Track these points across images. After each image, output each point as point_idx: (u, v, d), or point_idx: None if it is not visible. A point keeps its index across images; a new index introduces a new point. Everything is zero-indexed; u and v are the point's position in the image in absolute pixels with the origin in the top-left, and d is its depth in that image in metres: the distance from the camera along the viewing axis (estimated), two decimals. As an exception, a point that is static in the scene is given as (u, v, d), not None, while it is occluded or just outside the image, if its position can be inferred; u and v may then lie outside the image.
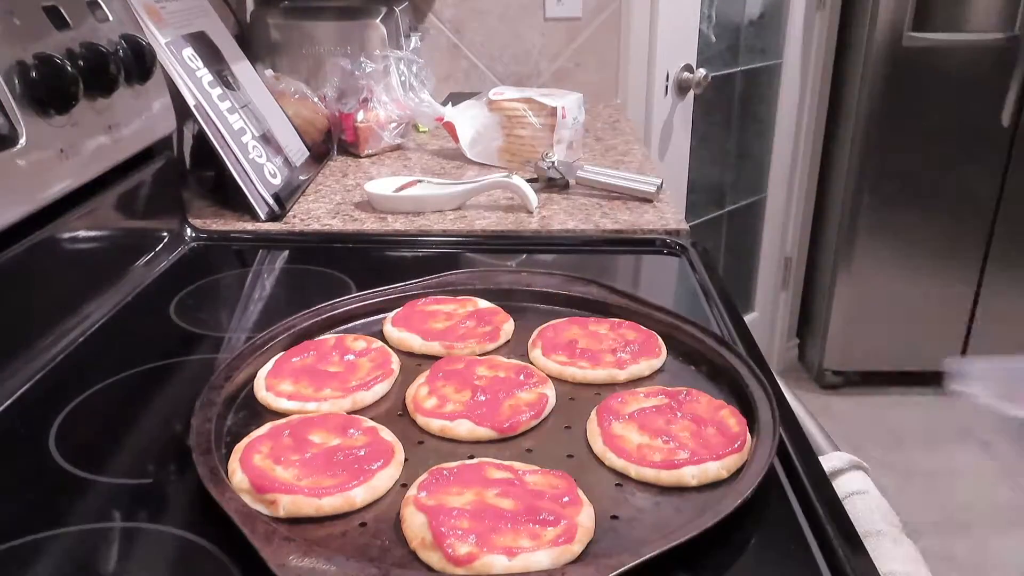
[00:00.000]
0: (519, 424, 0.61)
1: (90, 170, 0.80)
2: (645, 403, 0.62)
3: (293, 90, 1.33)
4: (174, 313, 0.83)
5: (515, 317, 0.77)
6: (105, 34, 0.84)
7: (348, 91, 1.38)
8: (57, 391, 0.68)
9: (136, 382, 0.70)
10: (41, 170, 0.72)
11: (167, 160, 0.99)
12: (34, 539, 0.51)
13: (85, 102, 0.77)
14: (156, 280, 0.91)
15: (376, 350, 0.71)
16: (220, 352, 0.77)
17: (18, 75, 0.70)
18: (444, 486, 0.53)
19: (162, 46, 1.01)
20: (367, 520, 0.52)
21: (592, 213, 1.11)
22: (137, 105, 0.90)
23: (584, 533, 0.49)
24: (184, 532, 0.52)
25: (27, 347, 0.72)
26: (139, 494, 0.56)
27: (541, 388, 0.65)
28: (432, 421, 0.61)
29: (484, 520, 0.49)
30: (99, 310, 0.81)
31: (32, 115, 0.71)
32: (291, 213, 1.11)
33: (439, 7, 1.87)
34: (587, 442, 0.60)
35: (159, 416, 0.66)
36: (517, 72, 1.92)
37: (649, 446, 0.57)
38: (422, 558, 0.48)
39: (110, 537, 0.53)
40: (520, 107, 1.30)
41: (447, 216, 1.10)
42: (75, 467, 0.58)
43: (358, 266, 0.95)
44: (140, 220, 0.94)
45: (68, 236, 0.78)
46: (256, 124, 1.14)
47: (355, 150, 1.40)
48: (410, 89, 1.40)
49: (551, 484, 0.53)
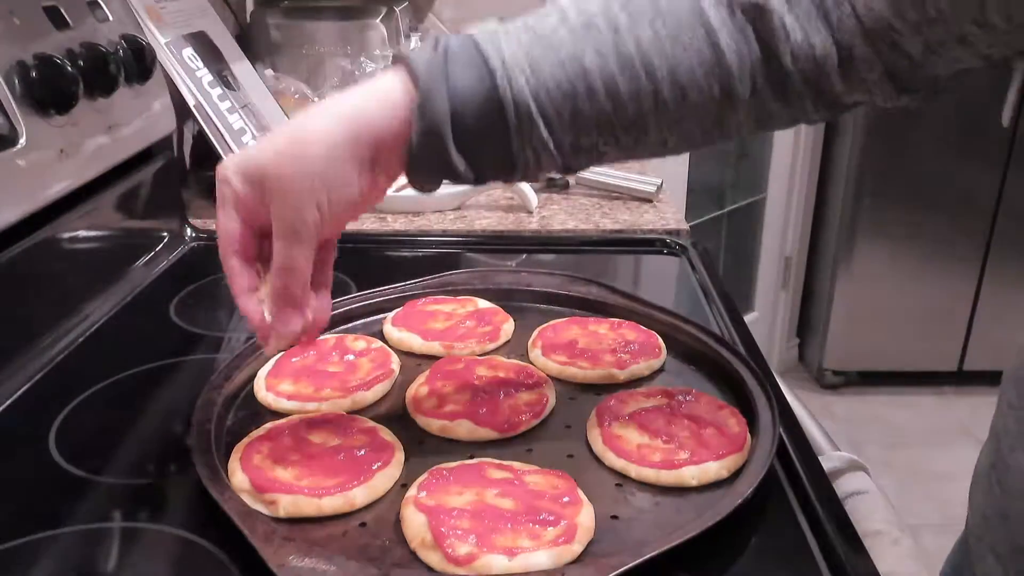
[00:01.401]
0: (519, 424, 0.61)
1: (90, 170, 0.80)
2: (645, 403, 0.62)
3: (293, 90, 1.33)
4: (174, 313, 0.83)
5: (515, 317, 0.77)
6: (105, 34, 0.84)
7: (348, 91, 1.38)
8: (57, 391, 0.68)
9: (136, 382, 0.70)
10: (41, 170, 0.72)
11: (167, 160, 0.99)
12: (34, 539, 0.51)
13: (85, 102, 0.77)
14: (156, 280, 0.91)
15: (376, 350, 0.71)
16: (220, 352, 0.77)
17: (18, 75, 0.70)
18: (444, 486, 0.53)
19: (162, 46, 1.01)
20: (367, 520, 0.52)
21: (592, 213, 1.11)
22: (137, 105, 0.90)
23: (584, 533, 0.49)
24: (184, 532, 0.52)
25: (27, 347, 0.72)
26: (139, 494, 0.56)
27: (541, 388, 0.65)
28: (432, 421, 0.61)
29: (484, 520, 0.49)
30: (99, 310, 0.81)
31: (32, 115, 0.71)
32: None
33: (439, 7, 1.87)
34: (587, 442, 0.60)
35: (159, 416, 0.66)
36: (517, 72, 1.92)
37: (649, 446, 0.57)
38: (422, 558, 0.48)
39: (110, 537, 0.53)
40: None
41: (447, 216, 1.10)
42: (75, 467, 0.58)
43: (358, 266, 0.95)
44: (140, 220, 0.94)
45: (68, 236, 0.78)
46: (256, 124, 1.14)
47: (355, 150, 1.40)
48: (410, 89, 1.40)
49: (551, 484, 0.53)
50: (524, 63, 0.50)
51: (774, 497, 0.54)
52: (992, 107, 2.27)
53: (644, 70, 0.50)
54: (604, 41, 0.50)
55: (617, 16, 0.50)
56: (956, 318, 2.61)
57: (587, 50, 0.50)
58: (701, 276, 0.90)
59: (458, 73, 0.49)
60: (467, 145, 0.51)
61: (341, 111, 0.50)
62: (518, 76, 0.49)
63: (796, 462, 0.57)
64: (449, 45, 0.50)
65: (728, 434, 0.58)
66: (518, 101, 0.50)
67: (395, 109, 0.50)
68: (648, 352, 0.70)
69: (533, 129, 0.50)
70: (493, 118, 0.50)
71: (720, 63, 0.50)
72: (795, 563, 0.50)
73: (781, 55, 0.50)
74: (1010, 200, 2.44)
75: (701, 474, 0.55)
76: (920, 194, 2.45)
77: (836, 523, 0.51)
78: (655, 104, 0.51)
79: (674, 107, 0.51)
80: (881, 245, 2.52)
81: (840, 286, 2.58)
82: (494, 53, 0.50)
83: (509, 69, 0.49)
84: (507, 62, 0.49)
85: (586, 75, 0.50)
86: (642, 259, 1.00)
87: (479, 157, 0.52)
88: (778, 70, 0.50)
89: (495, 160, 0.52)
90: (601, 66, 0.50)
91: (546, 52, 0.50)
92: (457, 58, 0.50)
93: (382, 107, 0.50)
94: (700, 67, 0.50)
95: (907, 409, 2.62)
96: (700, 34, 0.50)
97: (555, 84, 0.50)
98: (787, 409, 0.63)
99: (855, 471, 0.68)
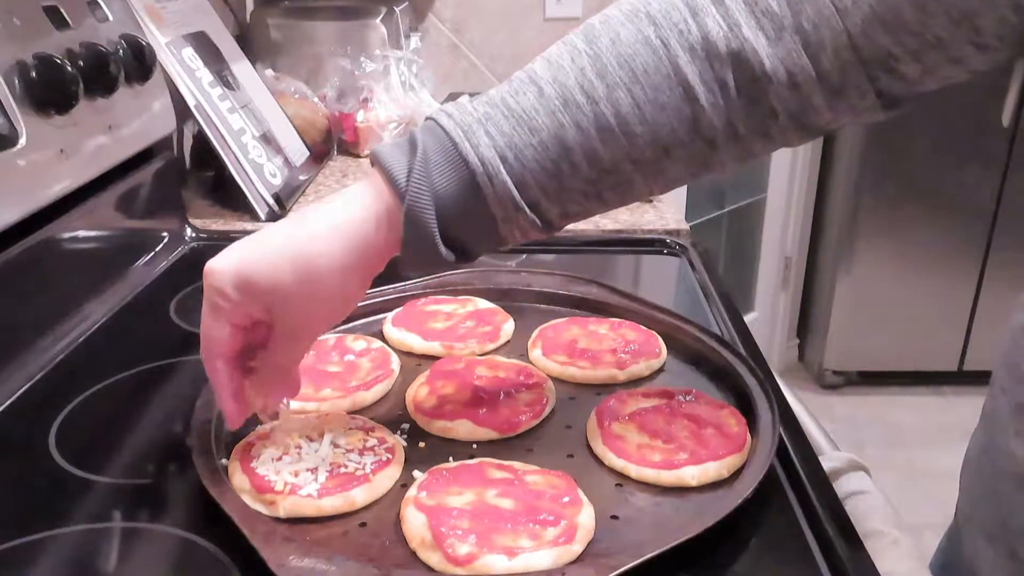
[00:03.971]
0: (519, 424, 0.61)
1: (90, 170, 0.80)
2: (645, 403, 0.62)
3: (293, 90, 1.33)
4: (174, 313, 0.83)
5: (515, 317, 0.77)
6: (105, 34, 0.84)
7: (348, 91, 1.38)
8: (57, 391, 0.68)
9: (136, 382, 0.70)
10: (41, 170, 0.72)
11: (167, 160, 0.99)
12: (34, 539, 0.51)
13: (85, 102, 0.77)
14: (156, 280, 0.91)
15: (376, 350, 0.71)
16: (220, 352, 0.76)
17: (18, 75, 0.70)
18: (444, 486, 0.53)
19: (162, 46, 1.01)
20: (367, 520, 0.52)
21: (592, 213, 1.11)
22: (137, 105, 0.90)
23: (584, 533, 0.49)
24: (184, 532, 0.52)
25: (27, 347, 0.72)
26: (139, 494, 0.56)
27: (541, 388, 0.65)
28: (432, 421, 0.61)
29: (484, 520, 0.49)
30: (99, 310, 0.81)
31: (32, 115, 0.71)
32: (291, 213, 1.11)
33: (439, 7, 1.87)
34: (587, 442, 0.60)
35: (159, 416, 0.66)
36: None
37: (649, 446, 0.57)
38: (422, 558, 0.48)
39: (110, 537, 0.53)
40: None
41: (447, 216, 1.10)
42: (75, 467, 0.58)
43: (358, 266, 0.95)
44: (140, 220, 0.94)
45: (68, 236, 0.78)
46: (256, 124, 1.14)
47: (355, 150, 1.40)
48: (410, 89, 1.40)
49: (551, 484, 0.53)
50: (506, 151, 0.50)
51: (774, 497, 0.54)
52: (992, 107, 2.27)
53: (626, 138, 0.50)
54: (584, 115, 0.50)
55: (594, 85, 0.50)
56: (956, 318, 2.61)
57: (567, 127, 0.50)
58: (701, 276, 0.90)
59: (439, 179, 0.50)
60: (455, 239, 0.52)
61: (342, 231, 0.51)
62: (498, 171, 0.50)
63: (796, 462, 0.57)
64: (427, 148, 0.50)
65: (728, 434, 0.58)
66: (501, 195, 0.50)
67: (385, 223, 0.51)
68: (648, 352, 0.70)
69: (519, 215, 0.52)
70: (478, 212, 0.51)
71: (700, 118, 0.50)
72: (795, 563, 0.50)
73: (766, 98, 0.50)
74: (1010, 200, 2.44)
75: (701, 474, 0.55)
76: (920, 194, 2.45)
77: (836, 523, 0.51)
78: (639, 164, 0.51)
79: (658, 163, 0.52)
80: (881, 245, 2.52)
81: (840, 286, 2.58)
82: (471, 151, 0.50)
83: (488, 165, 0.50)
84: (486, 159, 0.50)
85: (569, 153, 0.50)
86: (642, 259, 1.00)
87: (467, 245, 0.53)
88: (762, 114, 0.51)
89: (482, 244, 0.54)
90: (583, 141, 0.50)
91: (527, 136, 0.50)
92: (436, 162, 0.50)
93: (378, 224, 0.51)
94: (681, 125, 0.50)
95: (907, 409, 2.62)
96: (678, 93, 0.49)
97: (539, 167, 0.50)
98: (787, 409, 0.63)
99: (855, 471, 0.68)
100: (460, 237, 0.52)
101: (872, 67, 0.48)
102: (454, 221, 0.51)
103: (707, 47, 0.49)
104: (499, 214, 0.51)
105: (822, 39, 0.48)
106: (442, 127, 0.51)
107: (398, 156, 0.51)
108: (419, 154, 0.50)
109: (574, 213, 0.54)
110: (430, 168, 0.50)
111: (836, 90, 0.49)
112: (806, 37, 0.48)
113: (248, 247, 0.52)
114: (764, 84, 0.49)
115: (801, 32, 0.48)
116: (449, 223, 0.51)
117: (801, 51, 0.48)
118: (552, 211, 0.53)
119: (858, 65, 0.48)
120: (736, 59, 0.49)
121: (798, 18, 0.48)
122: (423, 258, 0.52)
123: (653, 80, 0.49)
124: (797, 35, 0.48)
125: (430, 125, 0.52)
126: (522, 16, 1.89)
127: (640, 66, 0.49)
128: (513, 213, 0.51)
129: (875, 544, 0.58)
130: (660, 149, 0.51)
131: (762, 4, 0.48)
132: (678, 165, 0.52)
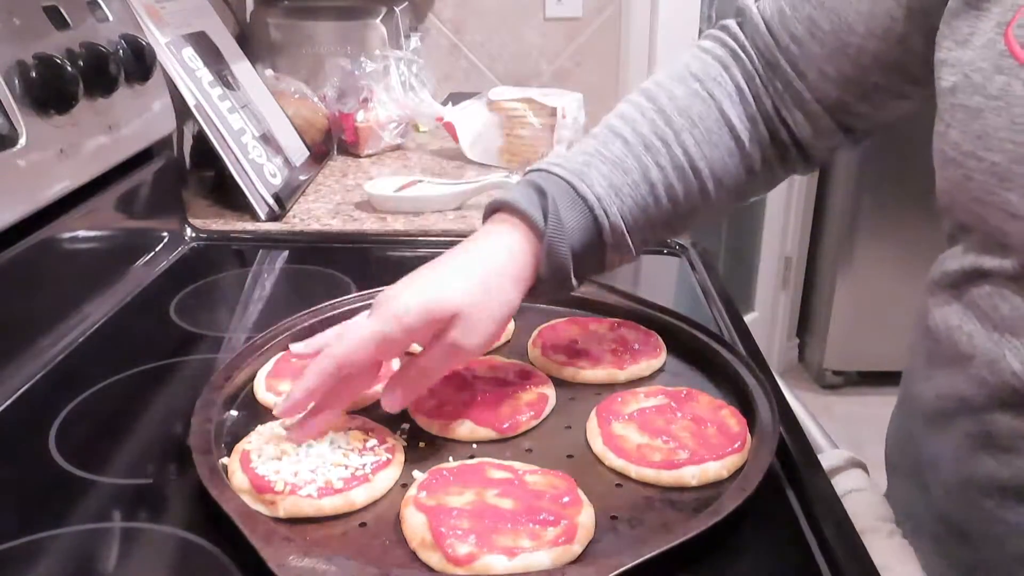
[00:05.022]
0: (519, 424, 0.61)
1: (90, 170, 0.80)
2: (645, 403, 0.62)
3: (293, 90, 1.33)
4: (174, 313, 0.83)
5: (515, 317, 0.77)
6: (105, 34, 0.84)
7: (348, 91, 1.38)
8: (57, 391, 0.68)
9: (136, 382, 0.70)
10: (41, 170, 0.72)
11: (167, 160, 0.99)
12: (34, 539, 0.51)
13: (85, 102, 0.77)
14: (156, 280, 0.91)
15: (376, 350, 0.71)
16: (220, 352, 0.77)
17: (18, 75, 0.70)
18: (444, 486, 0.53)
19: (162, 46, 1.01)
20: (367, 520, 0.52)
21: (592, 213, 1.11)
22: (137, 105, 0.90)
23: (584, 533, 0.49)
24: (184, 532, 0.52)
25: (27, 347, 0.72)
26: (139, 494, 0.56)
27: (541, 388, 0.65)
28: (432, 421, 0.61)
29: (484, 520, 0.49)
30: (99, 310, 0.81)
31: (32, 115, 0.71)
32: (291, 213, 1.11)
33: (439, 7, 1.87)
34: (587, 442, 0.60)
35: (159, 416, 0.66)
36: (517, 72, 1.92)
37: (649, 446, 0.57)
38: (422, 558, 0.48)
39: (110, 537, 0.53)
40: (520, 107, 1.30)
41: (447, 216, 1.10)
42: (75, 467, 0.58)
43: (358, 266, 0.95)
44: (140, 220, 0.94)
45: (68, 236, 0.78)
46: (256, 124, 1.14)
47: (355, 150, 1.40)
48: (410, 89, 1.40)
49: (551, 484, 0.53)
50: (611, 192, 0.61)
51: (774, 497, 0.54)
52: (992, 107, 2.27)
53: (692, 171, 0.64)
54: (662, 155, 0.63)
55: (665, 131, 0.63)
56: (956, 318, 2.60)
57: (651, 167, 0.63)
58: (701, 276, 0.90)
59: (567, 217, 0.60)
60: (580, 269, 0.62)
61: (505, 255, 0.59)
62: (610, 205, 0.61)
63: (796, 462, 0.57)
64: (553, 194, 0.60)
65: (728, 434, 0.58)
66: (614, 226, 0.61)
67: (531, 256, 0.60)
68: (648, 352, 0.70)
69: (623, 242, 0.63)
70: (595, 243, 0.62)
71: (743, 150, 0.65)
72: (795, 563, 0.50)
73: (781, 134, 0.67)
74: (1010, 200, 2.43)
75: (701, 474, 0.55)
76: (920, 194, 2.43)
77: (836, 523, 0.51)
78: (702, 196, 0.64)
79: (715, 193, 0.65)
80: (881, 245, 2.52)
81: (840, 286, 2.58)
82: (588, 190, 0.61)
83: (603, 201, 0.61)
84: (600, 195, 0.61)
85: (653, 188, 0.63)
86: (642, 259, 0.99)
87: (584, 272, 0.63)
88: (780, 144, 0.67)
89: (591, 271, 0.64)
90: (662, 179, 0.63)
91: (623, 176, 0.62)
92: (563, 203, 0.60)
93: (525, 258, 0.60)
94: (730, 157, 0.65)
95: (907, 409, 2.62)
96: (725, 132, 0.65)
97: (633, 202, 0.62)
98: (787, 409, 0.63)
99: (853, 468, 0.69)
100: (583, 267, 0.62)
101: (835, 111, 0.64)
102: (577, 253, 0.61)
103: (740, 94, 0.65)
104: (610, 242, 0.62)
105: (804, 99, 0.64)
106: (556, 174, 0.61)
107: (526, 197, 0.60)
108: (549, 197, 0.60)
109: (650, 240, 0.65)
110: (559, 208, 0.60)
111: (817, 131, 0.66)
112: (795, 99, 0.65)
113: (420, 281, 0.57)
114: (779, 125, 0.66)
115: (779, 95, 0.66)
116: (575, 255, 0.60)
117: (793, 106, 0.65)
118: (637, 238, 0.63)
119: (825, 112, 0.64)
120: (762, 108, 0.66)
121: (772, 85, 0.66)
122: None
123: (707, 123, 0.64)
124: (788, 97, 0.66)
125: (543, 175, 0.62)
126: (522, 16, 1.89)
127: (696, 113, 0.64)
128: (621, 241, 0.62)
129: (870, 540, 0.59)
130: (716, 180, 0.64)
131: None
132: (725, 193, 0.66)
